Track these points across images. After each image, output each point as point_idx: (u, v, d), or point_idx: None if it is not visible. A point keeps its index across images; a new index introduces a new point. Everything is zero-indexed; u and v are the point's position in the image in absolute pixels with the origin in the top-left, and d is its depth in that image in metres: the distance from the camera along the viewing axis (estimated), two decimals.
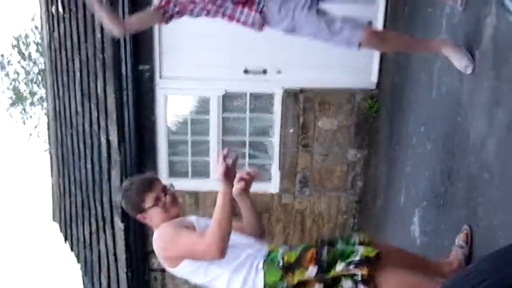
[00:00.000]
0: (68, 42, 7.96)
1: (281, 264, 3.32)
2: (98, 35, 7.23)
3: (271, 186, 8.15)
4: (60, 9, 7.94)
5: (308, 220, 8.31)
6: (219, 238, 3.23)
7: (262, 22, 4.71)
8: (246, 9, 4.61)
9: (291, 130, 7.87)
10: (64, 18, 7.93)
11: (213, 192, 8.08)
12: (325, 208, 8.25)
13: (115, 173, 7.70)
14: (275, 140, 8.00)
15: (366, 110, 7.73)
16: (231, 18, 4.66)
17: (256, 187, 8.18)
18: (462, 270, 3.44)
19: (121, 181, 7.61)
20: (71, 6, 7.69)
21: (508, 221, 3.34)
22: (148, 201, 3.60)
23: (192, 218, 3.65)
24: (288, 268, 3.31)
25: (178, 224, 3.50)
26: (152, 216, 3.63)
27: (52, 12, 8.27)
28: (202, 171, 8.20)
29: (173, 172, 8.19)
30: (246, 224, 3.85)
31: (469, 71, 4.15)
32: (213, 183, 8.09)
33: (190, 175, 8.24)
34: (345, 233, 3.72)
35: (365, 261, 3.19)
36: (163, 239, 3.48)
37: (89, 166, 8.17)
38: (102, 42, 7.23)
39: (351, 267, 3.19)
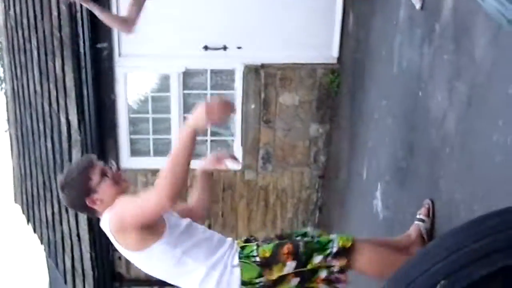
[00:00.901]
0: (25, 21, 7.82)
1: (258, 260, 3.28)
2: (55, 13, 7.12)
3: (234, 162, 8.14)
4: None
5: (272, 196, 8.32)
6: (170, 183, 3.00)
7: None
8: None
9: (253, 106, 7.85)
10: None
11: None
12: (288, 184, 8.26)
13: (76, 153, 7.62)
14: (236, 116, 7.97)
15: (327, 85, 7.73)
16: None
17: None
18: (421, 248, 3.51)
19: None
20: None
21: (469, 194, 3.36)
22: (95, 177, 3.35)
23: None
24: (265, 264, 3.28)
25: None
26: (103, 192, 3.35)
27: None
28: (164, 149, 8.15)
29: (135, 150, 8.14)
30: (197, 204, 3.80)
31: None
32: None
33: (152, 153, 8.20)
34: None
35: (342, 252, 3.22)
36: (115, 212, 3.24)
37: (49, 146, 8.07)
38: (59, 20, 7.12)
39: (329, 258, 3.23)
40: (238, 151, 8.08)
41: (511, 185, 2.85)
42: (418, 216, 3.92)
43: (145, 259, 3.34)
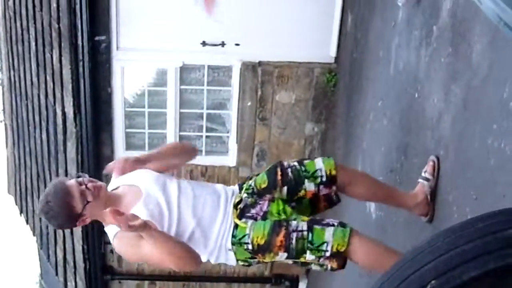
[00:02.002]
0: (23, 11, 7.81)
1: (250, 248, 3.36)
2: (54, 4, 7.11)
3: (228, 159, 8.15)
4: None
5: None
6: (182, 258, 3.25)
7: None
8: None
9: (249, 103, 7.85)
10: None
11: None
12: None
13: (71, 145, 7.61)
14: (232, 113, 7.98)
15: (324, 84, 7.74)
16: None
17: (214, 160, 8.23)
18: (413, 248, 3.53)
19: (77, 153, 7.55)
20: None
21: (462, 196, 3.38)
22: (78, 205, 3.35)
23: (143, 205, 3.43)
24: (258, 251, 3.35)
25: (127, 233, 3.23)
26: (91, 213, 3.41)
27: None
28: (159, 144, 8.15)
29: (130, 144, 8.13)
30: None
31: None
32: None
33: (147, 148, 8.19)
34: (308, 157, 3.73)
35: (335, 254, 3.23)
36: (125, 251, 3.45)
37: (44, 137, 8.07)
38: (58, 11, 7.11)
39: (321, 260, 3.25)
40: (233, 148, 8.08)
41: (505, 187, 2.87)
42: (423, 174, 3.88)
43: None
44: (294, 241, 3.26)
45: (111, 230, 3.43)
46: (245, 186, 3.64)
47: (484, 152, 3.09)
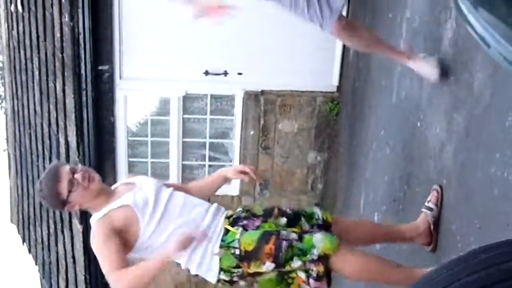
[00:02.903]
0: (27, 41, 7.85)
1: (237, 253, 3.35)
2: (58, 34, 7.15)
3: (231, 188, 8.13)
4: (20, 8, 7.83)
5: None
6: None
7: None
8: None
9: (252, 132, 7.85)
10: (23, 16, 7.82)
11: None
12: None
13: None
14: (235, 142, 7.98)
15: (326, 113, 7.75)
16: None
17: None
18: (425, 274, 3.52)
19: None
20: (30, 4, 7.59)
21: (466, 225, 3.36)
22: (63, 191, 3.50)
23: (132, 193, 3.60)
24: (245, 258, 3.35)
25: (110, 224, 3.45)
26: (76, 200, 3.56)
27: (11, 10, 8.15)
28: (161, 173, 8.14)
29: (132, 173, 8.11)
30: (197, 192, 3.92)
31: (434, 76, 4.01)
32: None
33: (150, 177, 8.17)
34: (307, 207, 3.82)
35: (322, 258, 3.23)
36: (96, 237, 3.49)
37: (47, 166, 8.05)
38: (62, 41, 7.15)
39: (308, 263, 3.25)
40: None
41: (508, 217, 2.85)
42: (426, 204, 3.86)
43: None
44: (283, 250, 3.27)
45: (95, 216, 3.57)
46: (239, 207, 3.74)
47: (487, 181, 3.08)
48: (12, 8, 8.10)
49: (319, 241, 3.27)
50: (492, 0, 1.33)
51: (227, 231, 3.46)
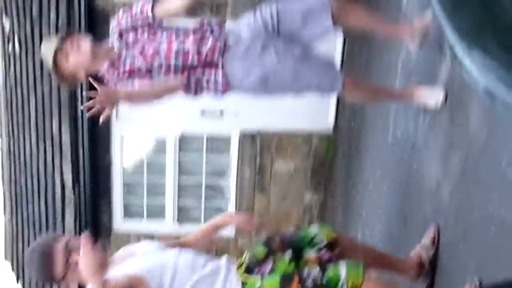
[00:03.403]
0: (24, 81, 7.87)
1: None
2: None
3: (227, 229, 8.06)
4: (17, 47, 7.86)
5: None
6: None
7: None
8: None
9: (248, 172, 7.85)
10: (20, 56, 7.85)
11: (169, 234, 8.04)
12: None
13: (69, 214, 7.58)
14: (231, 182, 7.97)
15: (322, 153, 7.76)
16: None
17: None
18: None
19: (75, 221, 7.51)
20: (27, 44, 7.63)
21: (463, 265, 3.34)
22: (57, 274, 3.14)
23: (140, 267, 3.12)
24: None
25: None
26: (74, 280, 3.17)
27: (8, 50, 8.19)
28: (157, 213, 8.12)
29: (128, 213, 8.10)
30: (195, 245, 3.71)
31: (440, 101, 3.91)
32: (169, 225, 8.04)
33: (146, 217, 8.15)
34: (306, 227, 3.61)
35: None
36: None
37: (42, 205, 8.03)
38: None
39: None
40: None
41: (506, 257, 2.84)
42: (423, 242, 3.84)
43: None
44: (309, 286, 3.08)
45: None
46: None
47: (484, 220, 3.07)
48: (9, 47, 8.14)
49: (345, 273, 3.09)
50: (487, 42, 1.35)
51: (244, 284, 3.19)
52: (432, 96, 3.92)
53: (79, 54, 3.74)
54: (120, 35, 3.96)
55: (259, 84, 3.98)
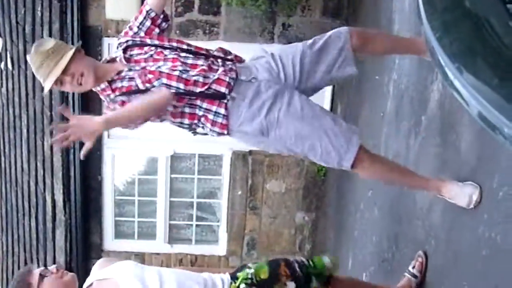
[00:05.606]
0: (16, 98, 7.86)
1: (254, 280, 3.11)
2: (46, 92, 7.16)
3: (219, 248, 8.08)
4: (9, 65, 7.86)
5: None
6: None
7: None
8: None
9: (239, 192, 7.84)
10: (13, 74, 7.85)
11: (159, 254, 8.01)
12: None
13: (60, 233, 7.55)
14: (223, 202, 7.96)
15: (314, 173, 7.75)
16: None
17: (204, 249, 8.12)
18: None
19: (66, 241, 7.48)
20: (20, 62, 7.63)
21: (454, 287, 3.34)
22: None
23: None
24: (263, 285, 3.10)
25: None
26: None
27: (1, 68, 8.19)
28: (148, 233, 8.09)
29: (119, 233, 8.06)
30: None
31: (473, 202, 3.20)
32: (160, 245, 8.00)
33: (136, 237, 8.12)
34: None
35: None
36: None
37: (33, 225, 7.99)
38: (50, 99, 7.17)
39: None
40: (223, 237, 8.02)
41: (497, 279, 2.84)
42: (411, 270, 3.84)
43: None
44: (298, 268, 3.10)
45: None
46: (241, 275, 3.23)
47: (475, 242, 3.07)
48: (2, 65, 8.14)
49: None
50: (477, 64, 1.36)
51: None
52: (463, 195, 3.25)
53: (79, 88, 3.61)
54: (124, 50, 3.71)
55: (258, 133, 3.62)
